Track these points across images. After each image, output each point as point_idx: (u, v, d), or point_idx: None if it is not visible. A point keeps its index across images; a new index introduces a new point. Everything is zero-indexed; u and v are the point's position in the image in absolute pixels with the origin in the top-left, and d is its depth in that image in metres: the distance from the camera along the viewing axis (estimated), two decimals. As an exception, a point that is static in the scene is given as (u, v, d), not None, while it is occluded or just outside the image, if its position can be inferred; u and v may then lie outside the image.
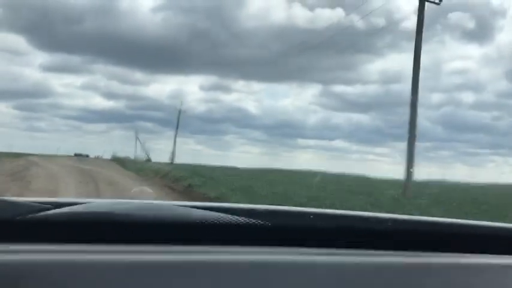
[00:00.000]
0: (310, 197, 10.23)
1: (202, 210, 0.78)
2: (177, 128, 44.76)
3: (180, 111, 44.47)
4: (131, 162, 32.95)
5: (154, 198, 3.17)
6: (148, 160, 45.60)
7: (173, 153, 44.49)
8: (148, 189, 3.93)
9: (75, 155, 75.55)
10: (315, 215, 0.83)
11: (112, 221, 0.72)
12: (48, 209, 0.72)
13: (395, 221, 0.85)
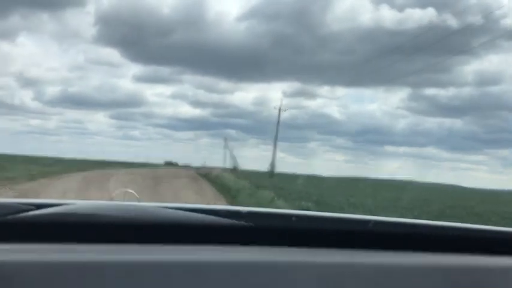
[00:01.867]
0: None
1: (187, 212, 0.77)
2: (277, 130, 37.30)
3: (280, 110, 36.60)
4: (234, 182, 19.50)
5: (138, 200, 1.21)
6: (235, 169, 43.64)
7: (273, 164, 35.95)
8: (131, 191, 1.47)
9: (166, 163, 74.29)
10: (297, 216, 0.83)
11: (94, 222, 0.72)
12: (30, 210, 0.71)
13: (376, 222, 0.85)
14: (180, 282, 0.64)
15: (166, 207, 0.78)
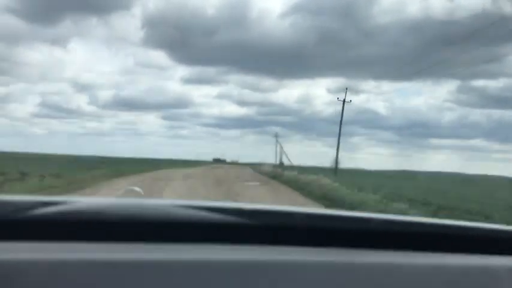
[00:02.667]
0: None
1: (192, 209, 0.77)
2: (341, 123, 31.93)
3: (344, 101, 31.59)
4: (339, 191, 13.13)
5: (144, 198, 1.25)
6: (281, 164, 40.39)
7: (336, 160, 30.69)
8: (137, 189, 2.31)
9: (214, 160, 73.05)
10: (303, 214, 0.84)
11: (101, 219, 0.72)
12: (36, 208, 0.72)
13: (383, 221, 0.85)
14: (183, 281, 0.64)
15: (172, 205, 0.79)
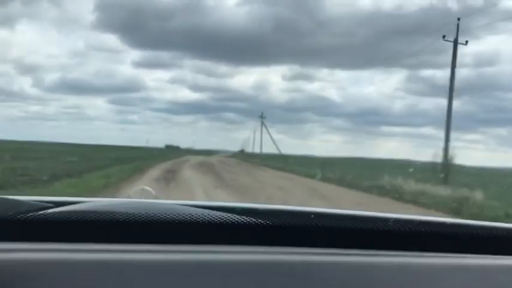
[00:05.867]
0: None
1: (203, 209, 0.77)
2: (452, 73, 20.52)
3: (456, 41, 20.77)
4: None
5: (155, 198, 1.40)
6: (243, 151, 40.30)
7: (446, 154, 19.45)
8: (148, 188, 1.49)
9: (166, 147, 72.31)
10: (316, 214, 0.81)
11: (112, 220, 0.71)
12: (49, 208, 0.72)
13: (396, 220, 0.83)
14: (195, 282, 0.64)
15: (182, 206, 0.78)
